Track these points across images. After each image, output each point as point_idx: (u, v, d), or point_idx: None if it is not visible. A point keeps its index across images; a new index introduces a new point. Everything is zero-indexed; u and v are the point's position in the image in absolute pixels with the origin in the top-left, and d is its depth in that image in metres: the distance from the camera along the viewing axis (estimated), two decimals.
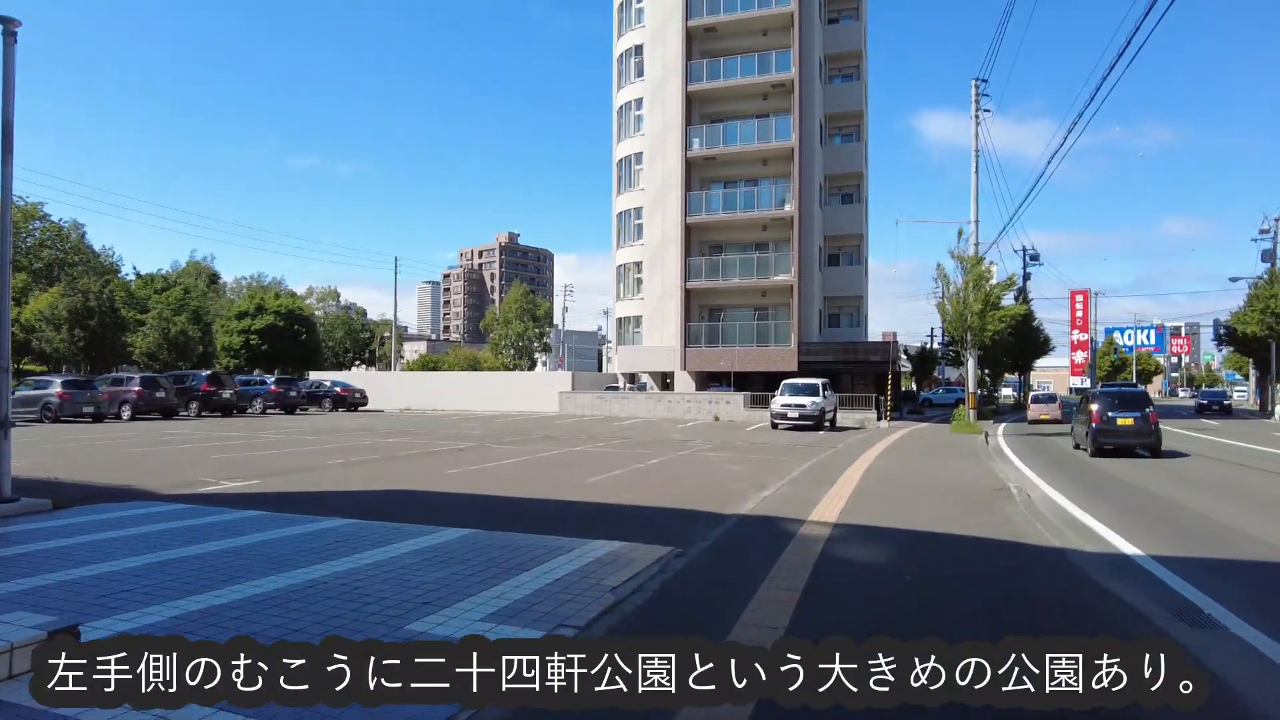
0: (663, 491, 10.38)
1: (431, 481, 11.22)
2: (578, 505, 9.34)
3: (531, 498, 9.82)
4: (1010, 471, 13.70)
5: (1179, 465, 15.16)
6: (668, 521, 8.28)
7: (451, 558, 6.04)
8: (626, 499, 9.64)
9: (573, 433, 21.87)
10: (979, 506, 9.37)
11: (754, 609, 4.81)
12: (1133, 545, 7.48)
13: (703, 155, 35.35)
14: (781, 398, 24.82)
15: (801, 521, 7.96)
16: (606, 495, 9.96)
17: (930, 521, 8.25)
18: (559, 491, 10.36)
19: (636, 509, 9.01)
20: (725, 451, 16.57)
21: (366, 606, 4.71)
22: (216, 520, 7.72)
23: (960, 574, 6.09)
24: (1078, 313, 79.32)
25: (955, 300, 24.52)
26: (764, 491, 10.21)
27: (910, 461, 14.68)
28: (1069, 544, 7.38)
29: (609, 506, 9.19)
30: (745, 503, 9.25)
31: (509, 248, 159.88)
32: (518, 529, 7.33)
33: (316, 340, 67.71)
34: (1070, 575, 6.13)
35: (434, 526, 7.35)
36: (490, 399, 38.00)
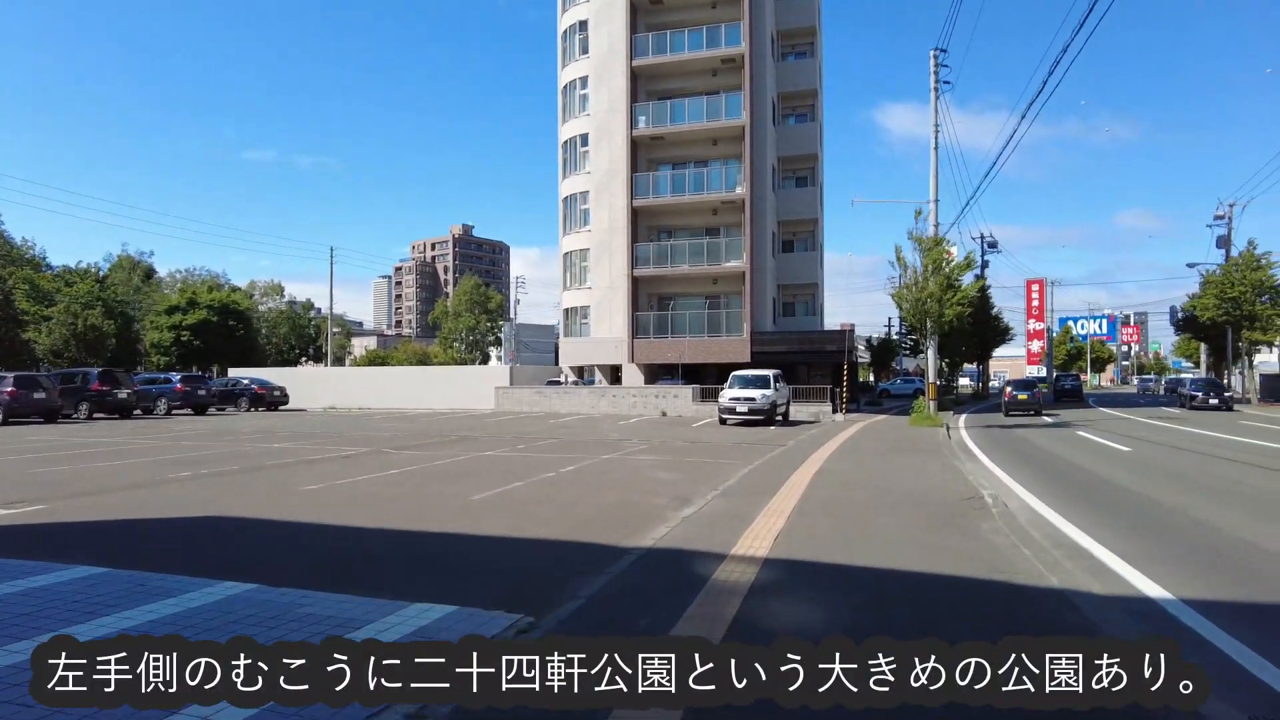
0: (559, 513, 8.33)
1: (270, 503, 9.03)
2: (432, 539, 7.23)
3: (380, 527, 7.66)
4: (979, 472, 11.96)
5: (1154, 458, 13.62)
6: (540, 564, 6.23)
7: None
8: (504, 527, 7.55)
9: (496, 433, 19.71)
10: (949, 524, 7.51)
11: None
12: (1153, 583, 5.66)
13: (649, 134, 33.30)
14: (730, 391, 22.95)
15: (722, 558, 5.98)
16: (481, 522, 7.86)
17: (889, 552, 6.34)
18: (425, 516, 8.24)
19: (508, 543, 6.92)
20: (661, 453, 14.58)
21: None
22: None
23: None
24: (1034, 302, 79.44)
25: (912, 285, 22.87)
26: (687, 509, 8.23)
27: (866, 462, 12.86)
28: (1072, 582, 5.52)
29: (473, 540, 7.09)
30: (658, 527, 7.26)
31: (463, 240, 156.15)
32: (316, 583, 5.21)
33: (253, 336, 64.54)
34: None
35: (200, 581, 5.20)
36: (425, 395, 35.55)
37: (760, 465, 12.37)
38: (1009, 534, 7.14)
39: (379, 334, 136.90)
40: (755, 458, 13.53)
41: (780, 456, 13.72)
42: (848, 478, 10.83)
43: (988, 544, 6.68)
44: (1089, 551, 6.77)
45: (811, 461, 12.74)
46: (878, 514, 8.02)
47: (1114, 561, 6.36)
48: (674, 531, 7.01)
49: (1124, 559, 6.42)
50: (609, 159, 34.20)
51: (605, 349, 34.44)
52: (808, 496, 9.03)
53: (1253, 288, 36.42)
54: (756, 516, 7.70)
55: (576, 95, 35.95)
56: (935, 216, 24.72)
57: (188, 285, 70.41)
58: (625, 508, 8.54)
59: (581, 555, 6.35)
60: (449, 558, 6.39)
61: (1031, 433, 20.83)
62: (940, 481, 10.47)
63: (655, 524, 7.46)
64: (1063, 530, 7.72)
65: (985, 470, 12.60)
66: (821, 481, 10.34)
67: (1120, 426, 22.92)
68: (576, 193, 35.88)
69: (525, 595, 5.00)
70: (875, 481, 10.45)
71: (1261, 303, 36.53)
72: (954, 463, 12.86)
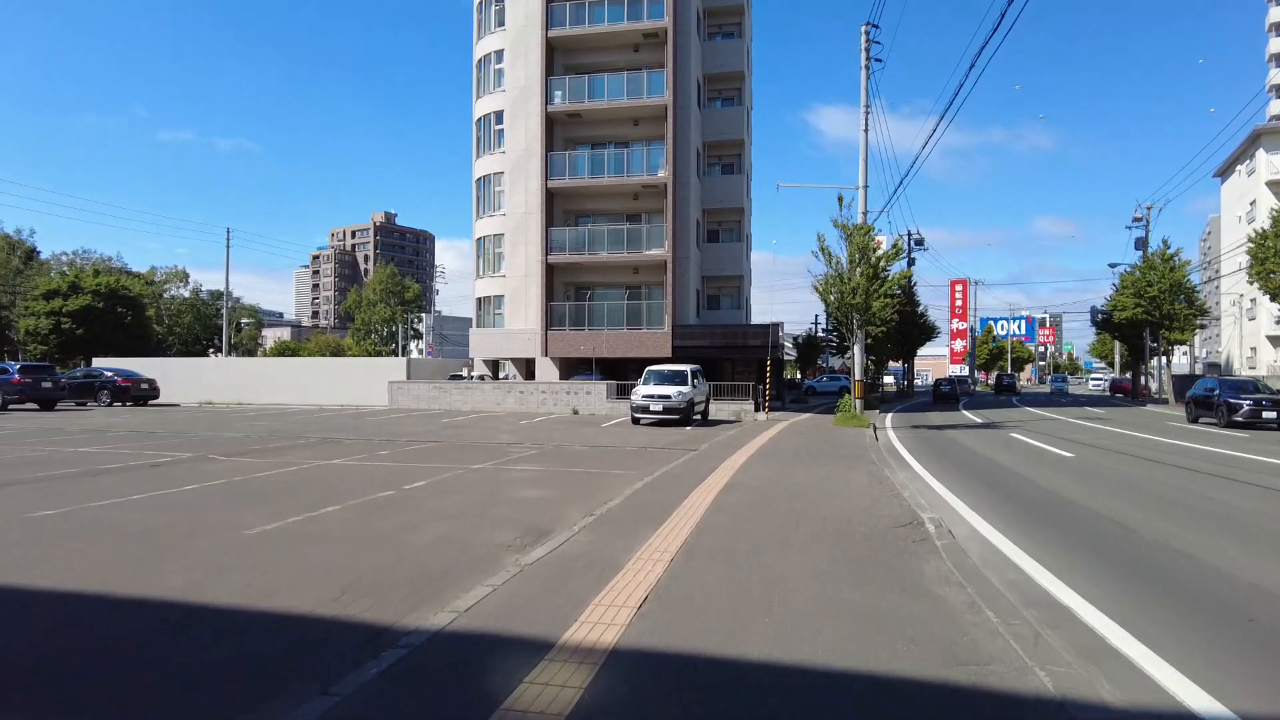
0: (348, 560, 5.99)
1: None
2: (117, 614, 4.85)
3: (57, 589, 5.23)
4: (914, 485, 10.17)
5: (1100, 465, 12.14)
6: (227, 681, 3.93)
7: None
8: (243, 588, 5.13)
9: (370, 434, 17.16)
10: (884, 569, 5.56)
11: None
12: (1183, 677, 3.78)
13: (566, 111, 30.96)
14: (643, 388, 20.90)
15: (547, 648, 3.83)
16: (220, 580, 5.42)
17: (801, 628, 4.30)
18: (153, 566, 5.79)
19: (224, 622, 4.57)
20: (547, 461, 12.37)
21: None
22: None
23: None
24: (957, 301, 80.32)
25: (837, 276, 21.22)
26: (536, 549, 6.06)
27: (784, 473, 10.94)
28: (1070, 683, 3.58)
29: (179, 616, 4.73)
30: (476, 585, 5.05)
31: (385, 228, 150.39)
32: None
33: (144, 323, 59.72)
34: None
35: None
36: (316, 390, 32.40)
37: (660, 477, 10.30)
38: (963, 584, 5.24)
39: (293, 325, 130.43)
40: (658, 466, 11.47)
41: (687, 465, 11.70)
42: (759, 494, 8.85)
43: (939, 605, 4.73)
44: (1074, 614, 4.89)
45: (721, 472, 10.75)
46: (789, 554, 6.01)
47: (1115, 634, 4.48)
48: (496, 593, 4.83)
49: (1126, 628, 4.56)
50: (525, 138, 31.77)
51: (518, 341, 32.01)
52: (704, 526, 6.99)
53: (1170, 288, 36.49)
54: (627, 562, 5.59)
55: (491, 70, 33.35)
56: (864, 203, 23.19)
57: (72, 269, 64.83)
58: (449, 548, 6.28)
59: (325, 646, 4.08)
60: (116, 652, 4.05)
61: (963, 435, 19.47)
62: (870, 499, 8.59)
63: (476, 578, 5.27)
64: (1030, 575, 5.86)
65: (920, 482, 10.84)
66: (726, 501, 8.33)
67: (1052, 428, 21.85)
68: (490, 174, 33.29)
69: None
70: (791, 500, 8.49)
71: (1179, 303, 36.64)
72: (884, 472, 11.07)
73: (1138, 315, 37.18)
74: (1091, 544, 7.00)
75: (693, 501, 8.26)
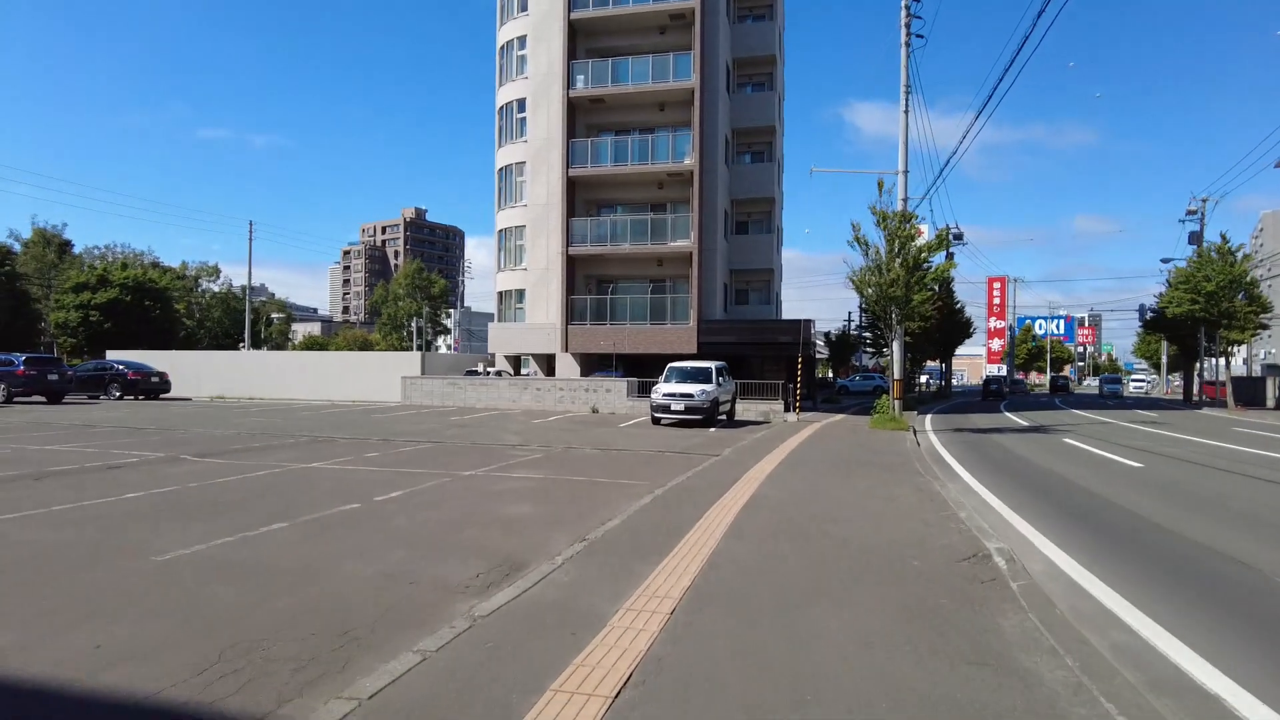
0: (257, 603, 4.72)
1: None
2: None
3: None
4: (969, 502, 8.73)
5: (1177, 478, 10.56)
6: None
7: None
8: (65, 659, 3.87)
9: (368, 433, 16.03)
10: (950, 628, 4.20)
11: None
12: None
13: (589, 96, 29.69)
14: (664, 386, 19.55)
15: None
16: (61, 638, 4.20)
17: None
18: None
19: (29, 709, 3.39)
20: (548, 468, 11.10)
21: None
22: None
23: None
24: (995, 300, 77.68)
25: (875, 267, 19.68)
26: (495, 595, 4.77)
27: (817, 486, 9.55)
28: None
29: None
30: (398, 653, 3.77)
31: (415, 223, 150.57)
32: None
33: (171, 317, 59.86)
34: None
35: None
36: (330, 385, 31.51)
37: (674, 489, 8.99)
38: (1058, 650, 3.87)
39: (323, 320, 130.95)
40: (673, 475, 10.15)
41: (707, 473, 10.36)
42: (788, 515, 7.48)
43: (1034, 689, 3.37)
44: (1230, 709, 3.49)
45: (744, 483, 9.40)
46: (826, 604, 4.66)
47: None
48: (426, 665, 3.55)
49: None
50: (547, 126, 30.58)
51: (537, 336, 30.84)
52: (718, 559, 5.66)
53: (1229, 283, 34.19)
54: (612, 616, 4.29)
55: (514, 56, 32.20)
56: (904, 190, 21.60)
57: (102, 262, 65.21)
58: (391, 588, 5.00)
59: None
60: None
61: (1012, 440, 17.86)
62: (921, 523, 7.19)
63: (409, 636, 4.00)
64: (1144, 636, 4.45)
65: (975, 498, 9.39)
66: (748, 524, 6.98)
67: (1105, 432, 20.11)
68: (512, 163, 32.17)
69: None
70: (826, 523, 7.12)
71: (1239, 299, 34.34)
72: (933, 485, 9.64)
73: (1194, 313, 34.90)
74: (1211, 590, 5.54)
75: (708, 523, 6.93)
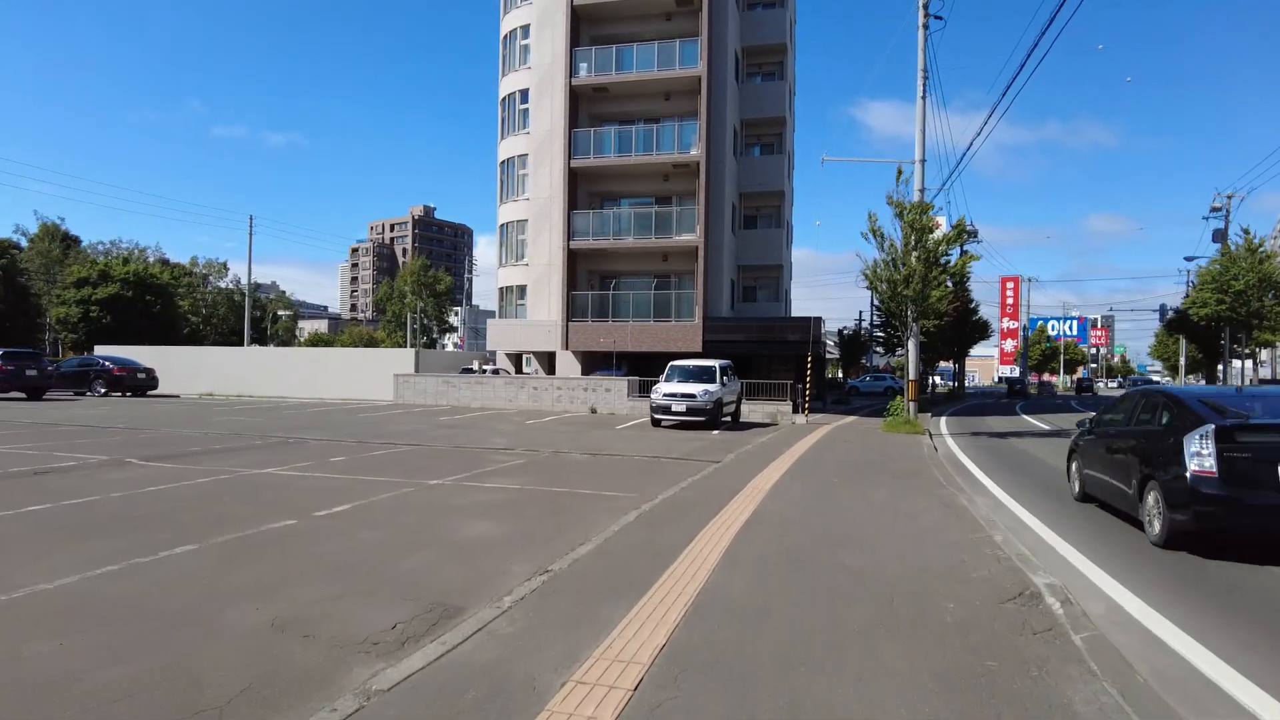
0: (73, 674, 3.66)
1: None
2: None
3: None
4: (1001, 519, 7.62)
5: None
6: None
7: None
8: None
9: (348, 433, 15.03)
10: (1006, 705, 3.11)
11: None
12: None
13: (592, 84, 28.65)
14: (665, 385, 18.47)
15: None
16: None
17: None
18: None
19: None
20: (528, 476, 10.04)
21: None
22: None
23: None
24: (1008, 300, 76.18)
25: (890, 261, 18.54)
26: (410, 657, 3.72)
27: (828, 499, 8.47)
28: None
29: None
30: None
31: (423, 221, 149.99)
32: None
33: (173, 313, 59.26)
34: None
35: None
36: (322, 382, 30.59)
37: (665, 503, 7.92)
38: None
39: (330, 317, 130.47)
40: (667, 485, 9.09)
41: (705, 484, 9.29)
42: (794, 538, 6.40)
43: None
44: None
45: (746, 496, 8.33)
46: (842, 668, 3.58)
47: None
48: None
49: None
50: (550, 117, 29.53)
51: (537, 333, 29.81)
52: (707, 600, 4.59)
53: (1258, 282, 32.79)
54: (557, 691, 3.23)
55: (517, 46, 31.18)
56: (921, 180, 20.43)
57: (106, 258, 64.65)
58: (279, 642, 3.92)
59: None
60: None
61: (1033, 445, 16.71)
62: (952, 547, 6.09)
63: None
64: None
65: (1007, 513, 8.28)
66: (747, 550, 5.90)
67: None
68: (514, 156, 31.15)
69: None
70: (839, 548, 6.04)
71: (1269, 298, 32.94)
72: (957, 498, 8.54)
73: (1220, 313, 33.51)
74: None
75: (699, 549, 5.87)
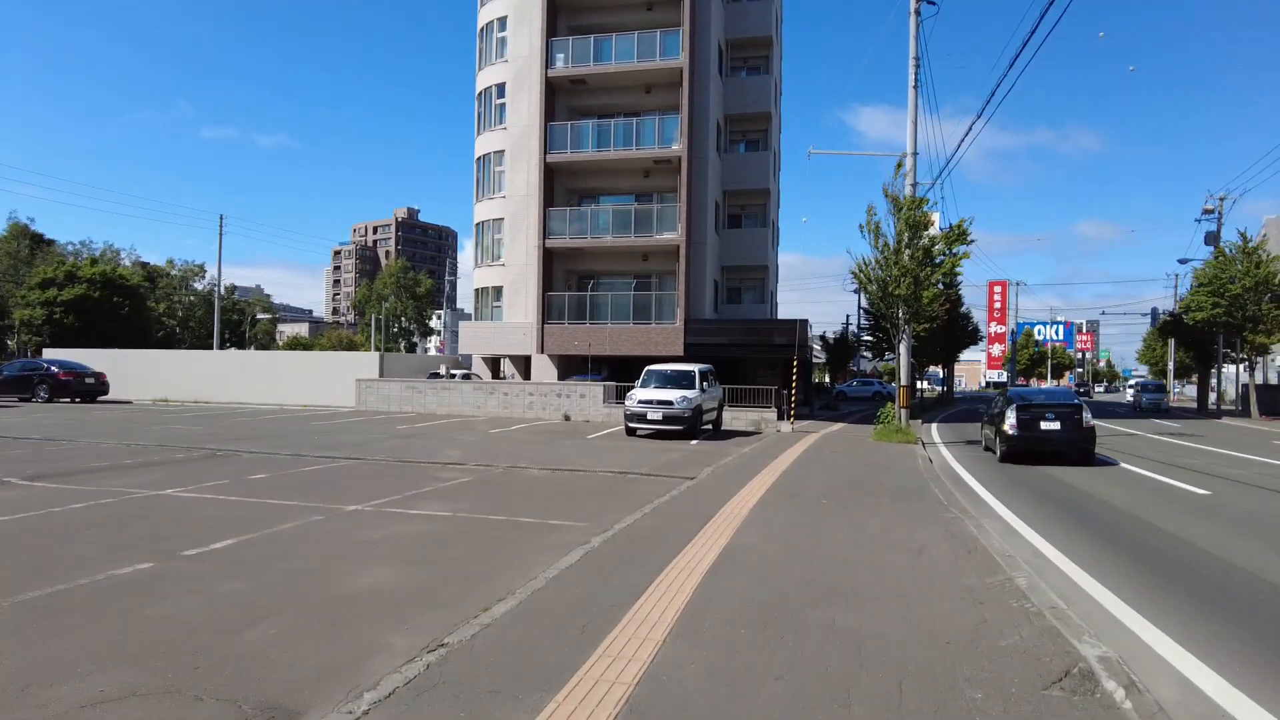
0: None
1: None
2: None
3: None
4: (1016, 549, 6.39)
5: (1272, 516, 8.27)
6: None
7: None
8: None
9: (289, 445, 13.66)
10: None
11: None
12: None
13: (569, 76, 27.41)
14: (641, 391, 17.21)
15: None
16: None
17: None
18: None
19: None
20: (468, 499, 8.73)
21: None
22: None
23: None
24: (996, 304, 75.44)
25: (884, 259, 17.40)
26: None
27: (815, 529, 7.22)
28: None
29: None
30: None
31: (407, 224, 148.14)
32: None
33: (145, 315, 57.47)
34: None
35: None
36: (285, 387, 29.09)
37: (620, 536, 6.65)
38: None
39: (312, 320, 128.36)
40: (629, 510, 7.82)
41: (673, 508, 8.03)
42: (774, 586, 5.14)
43: None
44: None
45: (719, 525, 7.07)
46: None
47: None
48: None
49: None
50: (528, 112, 28.23)
51: (512, 336, 28.48)
52: (646, 701, 3.32)
53: (1255, 285, 31.95)
54: None
55: (494, 39, 29.88)
56: (913, 174, 19.32)
57: (76, 257, 62.63)
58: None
59: None
60: None
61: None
62: (965, 594, 4.85)
63: None
64: None
65: (1023, 544, 7.04)
66: (713, 607, 4.63)
67: (1137, 446, 17.84)
68: (491, 152, 29.83)
69: None
70: (829, 601, 4.78)
71: (1267, 302, 32.09)
72: (964, 524, 7.33)
73: (1216, 316, 32.63)
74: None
75: (651, 604, 4.60)
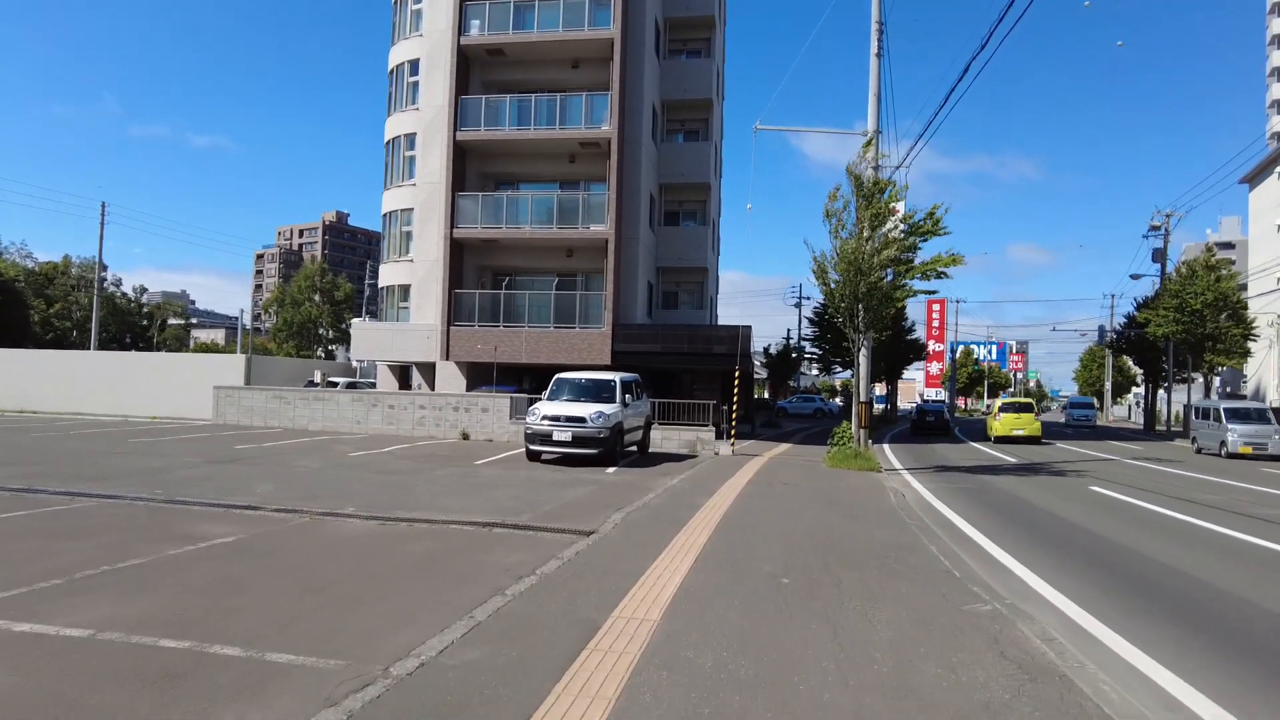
0: None
1: None
2: None
3: None
4: (1112, 678, 3.36)
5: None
6: None
7: None
8: None
9: (45, 472, 9.91)
10: None
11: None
12: None
13: (486, 45, 24.04)
14: (547, 405, 13.82)
15: None
16: None
17: None
18: None
19: None
20: (169, 590, 5.31)
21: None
22: None
23: None
24: (934, 322, 74.44)
25: (851, 250, 14.52)
26: None
27: (777, 646, 4.03)
28: None
29: None
30: None
31: (335, 227, 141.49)
32: None
33: (24, 314, 51.58)
34: None
35: None
36: (138, 394, 24.76)
37: (381, 706, 3.34)
38: None
39: (229, 326, 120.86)
40: (445, 618, 4.51)
41: (528, 611, 4.75)
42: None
43: None
44: None
45: (611, 640, 3.82)
46: None
47: None
48: None
49: None
50: (444, 89, 24.70)
51: (413, 341, 24.77)
52: None
53: (1213, 301, 30.50)
54: None
55: (409, 11, 26.33)
56: (876, 155, 16.56)
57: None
58: None
59: None
60: None
61: (1021, 486, 12.85)
62: None
63: None
64: None
65: (1139, 681, 3.99)
66: None
67: (1117, 473, 15.40)
68: (401, 135, 26.17)
69: None
70: None
71: (1224, 319, 30.69)
72: (1016, 629, 4.26)
73: (1175, 334, 31.01)
74: None
75: None
